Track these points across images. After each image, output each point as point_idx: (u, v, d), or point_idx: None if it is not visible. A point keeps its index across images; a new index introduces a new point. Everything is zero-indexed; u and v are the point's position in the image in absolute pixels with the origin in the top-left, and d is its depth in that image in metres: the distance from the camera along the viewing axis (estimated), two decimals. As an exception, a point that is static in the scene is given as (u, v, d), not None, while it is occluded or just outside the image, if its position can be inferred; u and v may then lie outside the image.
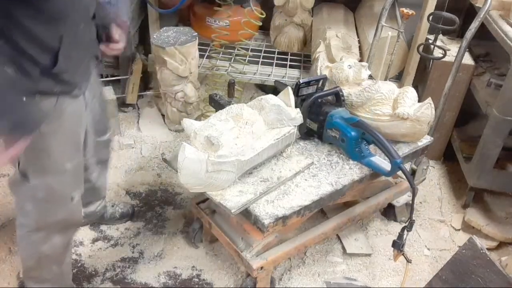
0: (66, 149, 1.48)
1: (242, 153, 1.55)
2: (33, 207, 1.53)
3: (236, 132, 1.58)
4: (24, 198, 1.53)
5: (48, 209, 1.53)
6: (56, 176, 1.49)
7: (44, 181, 1.48)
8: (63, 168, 1.48)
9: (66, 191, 1.54)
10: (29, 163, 1.46)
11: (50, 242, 1.59)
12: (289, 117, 1.69)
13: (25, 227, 1.58)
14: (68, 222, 1.61)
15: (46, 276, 1.69)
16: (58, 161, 1.47)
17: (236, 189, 1.59)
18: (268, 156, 1.68)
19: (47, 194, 1.50)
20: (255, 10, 2.82)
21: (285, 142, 1.71)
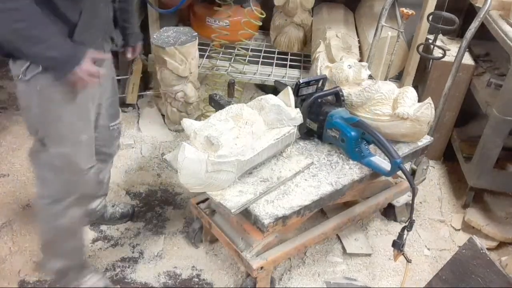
0: (79, 121, 1.58)
1: (242, 153, 1.55)
2: (52, 176, 1.62)
3: (236, 132, 1.58)
4: (44, 167, 1.62)
5: (66, 179, 1.62)
6: (71, 146, 1.58)
7: (61, 150, 1.57)
8: (78, 138, 1.58)
9: (81, 163, 1.62)
10: (46, 131, 1.56)
11: (68, 214, 1.67)
12: (289, 117, 1.69)
13: (45, 198, 1.66)
14: (84, 194, 1.70)
15: (62, 250, 1.77)
16: (73, 131, 1.57)
17: (236, 189, 1.59)
18: (268, 156, 1.68)
19: (64, 164, 1.59)
20: (255, 10, 2.82)
21: (285, 142, 1.71)
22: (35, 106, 1.51)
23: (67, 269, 1.80)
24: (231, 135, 1.55)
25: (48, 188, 1.65)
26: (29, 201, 2.30)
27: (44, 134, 1.56)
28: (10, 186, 2.38)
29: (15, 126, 2.81)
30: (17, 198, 2.31)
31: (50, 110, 1.51)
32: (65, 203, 1.65)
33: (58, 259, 1.78)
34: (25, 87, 1.48)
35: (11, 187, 2.38)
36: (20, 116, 2.90)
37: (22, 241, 2.08)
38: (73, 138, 1.58)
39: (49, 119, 1.53)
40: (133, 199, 2.38)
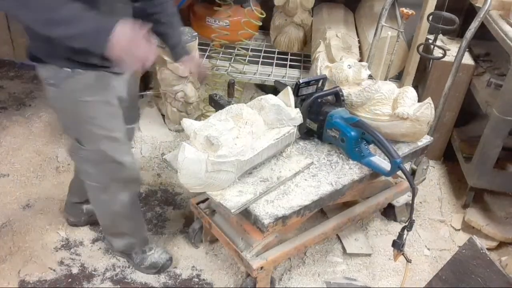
0: (111, 119, 1.62)
1: (241, 153, 1.55)
2: (93, 169, 1.70)
3: (236, 132, 1.58)
4: (83, 162, 1.71)
5: (106, 169, 1.69)
6: (107, 143, 1.63)
7: (97, 147, 1.62)
8: (113, 136, 1.63)
9: (118, 156, 1.67)
10: (80, 131, 1.62)
11: (118, 200, 1.77)
12: (289, 117, 1.69)
13: (92, 188, 1.77)
14: (128, 180, 1.76)
15: (123, 230, 1.89)
16: (107, 130, 1.61)
17: (236, 189, 1.59)
18: (268, 156, 1.68)
19: (101, 158, 1.65)
20: (255, 10, 2.82)
21: (285, 142, 1.71)
22: (67, 109, 1.57)
23: (131, 246, 1.95)
24: (231, 135, 1.55)
25: (92, 178, 1.74)
26: (29, 201, 2.30)
27: (78, 135, 1.63)
28: (10, 186, 2.38)
29: (15, 126, 2.82)
30: (17, 198, 2.32)
31: (82, 112, 1.56)
32: (112, 190, 1.74)
33: (120, 239, 1.92)
34: (56, 91, 1.52)
35: (11, 187, 2.38)
36: (20, 116, 2.90)
37: (22, 241, 2.08)
38: (107, 136, 1.62)
39: (81, 120, 1.58)
40: (133, 199, 2.39)
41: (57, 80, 1.49)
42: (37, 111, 2.96)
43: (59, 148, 2.66)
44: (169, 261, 2.00)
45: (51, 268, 1.98)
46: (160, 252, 2.00)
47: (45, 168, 2.52)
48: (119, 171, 1.71)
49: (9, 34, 3.35)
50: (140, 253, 1.97)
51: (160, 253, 1.99)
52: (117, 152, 1.67)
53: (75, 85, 1.50)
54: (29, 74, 3.39)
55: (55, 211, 2.25)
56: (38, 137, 2.74)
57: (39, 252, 2.04)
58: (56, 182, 2.43)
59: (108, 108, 1.59)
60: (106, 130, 1.62)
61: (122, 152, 1.70)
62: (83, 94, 1.53)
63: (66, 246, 2.08)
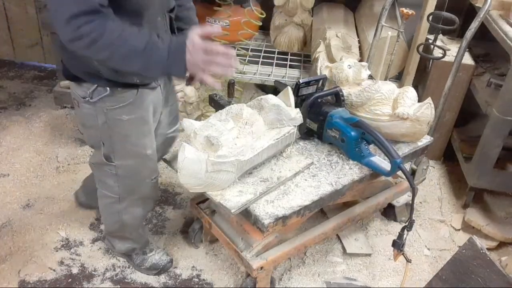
0: (144, 137, 1.63)
1: (242, 153, 1.55)
2: (114, 183, 1.70)
3: (236, 132, 1.58)
4: (106, 176, 1.70)
5: (129, 183, 1.71)
6: (138, 160, 1.65)
7: (127, 163, 1.65)
8: (144, 153, 1.65)
9: (145, 173, 1.71)
10: (112, 148, 1.61)
11: (131, 213, 1.79)
12: (289, 117, 1.68)
13: (107, 198, 1.77)
14: (147, 197, 1.79)
15: (128, 236, 1.90)
16: (139, 147, 1.63)
17: (236, 189, 1.59)
18: (268, 156, 1.68)
19: (128, 174, 1.67)
20: (255, 10, 2.82)
21: (285, 142, 1.71)
22: (101, 126, 1.55)
23: (133, 249, 1.96)
24: (231, 135, 1.55)
25: (110, 191, 1.74)
26: (29, 201, 2.30)
27: (109, 151, 1.62)
28: (10, 186, 2.38)
29: (15, 126, 2.82)
30: (17, 198, 2.32)
31: (117, 131, 1.56)
32: (127, 202, 1.76)
33: (124, 243, 1.93)
34: (91, 108, 1.52)
35: (11, 187, 2.38)
36: (20, 116, 2.90)
37: (22, 241, 2.08)
38: (139, 153, 1.64)
39: (115, 138, 1.58)
40: (133, 199, 2.39)
41: (94, 98, 1.48)
42: (37, 111, 2.97)
43: (59, 148, 2.66)
44: (169, 263, 2.00)
45: (51, 268, 1.98)
46: (161, 254, 2.00)
47: (45, 168, 2.52)
48: (140, 187, 1.74)
49: (9, 34, 3.35)
50: (141, 254, 1.98)
51: (161, 254, 2.00)
52: (145, 168, 1.70)
53: (113, 103, 1.50)
54: (29, 74, 3.39)
55: (55, 211, 2.25)
56: (38, 137, 2.74)
57: (39, 252, 2.04)
58: (56, 182, 2.43)
59: (142, 125, 1.60)
60: (139, 147, 1.63)
61: (150, 169, 1.72)
62: (120, 113, 1.53)
63: (66, 246, 2.08)
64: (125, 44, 1.27)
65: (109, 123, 1.54)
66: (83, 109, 1.54)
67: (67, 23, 1.22)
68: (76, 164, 2.55)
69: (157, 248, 2.03)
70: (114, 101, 1.50)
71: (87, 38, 1.24)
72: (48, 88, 3.22)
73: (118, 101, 1.50)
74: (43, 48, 3.40)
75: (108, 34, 1.25)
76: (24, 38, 3.35)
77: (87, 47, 1.26)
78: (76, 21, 1.22)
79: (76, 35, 1.24)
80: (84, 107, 1.53)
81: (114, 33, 1.26)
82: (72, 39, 1.25)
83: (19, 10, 3.24)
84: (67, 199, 2.33)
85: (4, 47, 3.40)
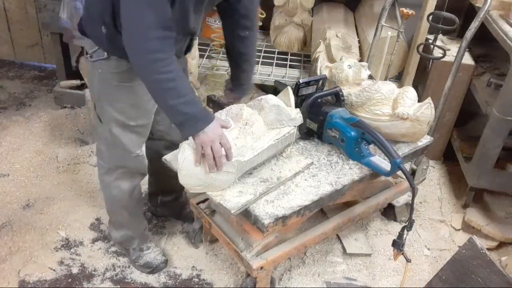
0: (131, 108, 1.67)
1: (241, 153, 1.55)
2: (105, 148, 1.79)
3: (236, 132, 1.58)
4: (100, 140, 1.80)
5: (116, 154, 1.76)
6: (121, 129, 1.69)
7: (112, 129, 1.70)
8: (128, 123, 1.69)
9: (129, 146, 1.74)
10: (100, 109, 1.70)
11: (117, 187, 1.84)
12: (289, 118, 1.68)
13: (101, 168, 1.86)
14: (132, 171, 1.83)
15: (121, 220, 1.95)
16: (124, 116, 1.67)
17: (236, 190, 1.59)
18: (268, 156, 1.68)
19: (114, 140, 1.72)
20: (255, 10, 2.81)
21: (285, 142, 1.71)
22: (95, 85, 1.68)
23: (128, 240, 1.99)
24: (231, 136, 1.55)
25: (102, 158, 1.83)
26: (29, 201, 2.30)
27: (99, 111, 1.72)
28: (10, 186, 2.38)
29: (15, 126, 2.82)
30: (17, 198, 2.32)
31: (106, 92, 1.65)
32: (115, 175, 1.82)
33: (118, 230, 1.98)
34: (90, 66, 1.64)
35: (11, 187, 2.38)
36: (20, 116, 2.90)
37: (22, 241, 2.08)
38: (122, 122, 1.68)
39: (103, 99, 1.67)
40: (133, 199, 2.39)
41: (94, 56, 1.58)
42: (37, 111, 2.97)
43: (59, 148, 2.66)
44: (163, 263, 2.01)
45: (51, 268, 1.98)
46: (157, 253, 2.01)
47: (45, 168, 2.52)
48: (127, 160, 1.78)
49: (9, 34, 3.36)
50: (138, 250, 2.00)
51: (157, 254, 2.01)
52: (128, 140, 1.73)
53: (107, 67, 1.58)
54: (29, 74, 3.39)
55: (55, 211, 2.25)
56: (38, 137, 2.74)
57: (39, 252, 2.04)
58: (56, 182, 2.43)
59: (132, 97, 1.64)
60: (124, 116, 1.67)
61: (133, 143, 1.75)
62: (111, 78, 1.60)
63: (66, 246, 2.08)
64: (181, 84, 1.40)
65: (101, 84, 1.64)
66: (87, 64, 1.68)
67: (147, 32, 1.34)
68: (76, 164, 2.55)
69: (155, 247, 2.03)
70: (108, 66, 1.58)
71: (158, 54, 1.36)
72: (48, 88, 3.22)
73: (111, 66, 1.58)
74: (43, 48, 3.39)
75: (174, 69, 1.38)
76: (24, 38, 3.36)
77: (152, 62, 1.36)
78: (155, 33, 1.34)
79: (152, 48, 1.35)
80: (87, 63, 1.66)
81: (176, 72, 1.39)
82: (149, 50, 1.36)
83: (19, 10, 3.25)
84: (67, 199, 2.33)
85: (4, 47, 3.40)
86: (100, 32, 1.51)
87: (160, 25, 1.33)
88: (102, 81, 1.63)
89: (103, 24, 1.49)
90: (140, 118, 1.71)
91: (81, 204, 2.27)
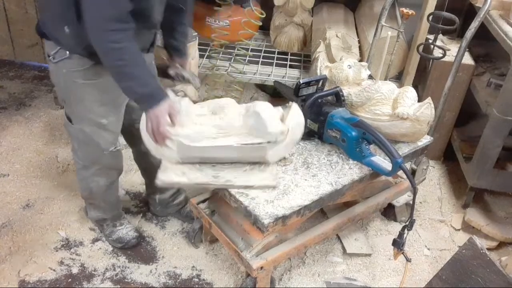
0: (101, 106, 1.71)
1: (188, 137, 1.59)
2: (78, 146, 1.83)
3: (203, 119, 1.64)
4: (72, 137, 1.84)
5: (90, 151, 1.82)
6: (92, 127, 1.74)
7: (83, 128, 1.75)
8: (99, 121, 1.73)
9: (102, 143, 1.79)
10: (69, 108, 1.75)
11: (95, 181, 1.90)
12: (265, 130, 1.60)
13: (76, 163, 1.91)
14: (108, 167, 1.89)
15: (97, 204, 2.03)
16: (93, 114, 1.72)
17: (182, 169, 1.65)
18: (228, 157, 1.66)
19: (86, 139, 1.77)
20: (255, 10, 2.81)
21: (252, 152, 1.63)
22: (62, 85, 1.70)
23: (104, 219, 2.07)
24: (194, 120, 1.62)
25: (77, 155, 1.87)
26: (29, 201, 2.30)
27: (69, 111, 1.76)
28: (10, 186, 2.38)
29: (15, 126, 2.82)
30: (17, 198, 2.32)
31: (73, 92, 1.68)
32: (92, 171, 1.87)
33: (96, 211, 2.05)
34: (54, 67, 1.66)
35: (11, 187, 2.38)
36: (20, 116, 2.90)
37: (22, 241, 2.08)
38: (93, 120, 1.73)
39: (71, 99, 1.70)
40: (133, 199, 2.38)
41: (56, 57, 1.62)
42: (37, 111, 2.97)
43: (59, 148, 2.66)
44: (134, 239, 2.09)
45: (51, 268, 1.98)
46: (129, 229, 2.10)
47: (45, 168, 2.52)
48: (101, 157, 1.83)
49: (9, 34, 3.35)
50: (111, 226, 2.09)
51: (129, 230, 2.09)
52: (101, 138, 1.78)
53: (71, 66, 1.62)
54: (29, 74, 3.39)
55: (55, 211, 2.25)
56: (38, 137, 2.74)
57: (39, 252, 2.04)
58: (56, 182, 2.43)
59: (99, 93, 1.68)
60: (93, 114, 1.72)
61: (106, 140, 1.79)
62: (77, 76, 1.64)
63: (66, 246, 2.08)
64: (135, 69, 1.51)
65: (67, 84, 1.67)
66: (50, 67, 1.70)
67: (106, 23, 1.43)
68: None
69: (128, 223, 2.12)
70: (72, 64, 1.62)
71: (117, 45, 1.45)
72: (48, 88, 3.22)
73: (75, 64, 1.62)
74: (43, 48, 3.39)
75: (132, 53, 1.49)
76: (24, 38, 3.35)
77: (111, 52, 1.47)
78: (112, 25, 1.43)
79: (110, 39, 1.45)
80: (50, 65, 1.69)
81: (136, 55, 1.50)
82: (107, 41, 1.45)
83: (19, 10, 3.24)
84: (67, 199, 2.33)
85: (4, 47, 3.40)
86: (62, 32, 1.55)
87: (117, 18, 1.43)
88: (68, 81, 1.66)
89: (66, 24, 1.54)
90: (109, 115, 1.75)
91: (81, 204, 2.27)
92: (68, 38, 1.56)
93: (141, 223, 2.24)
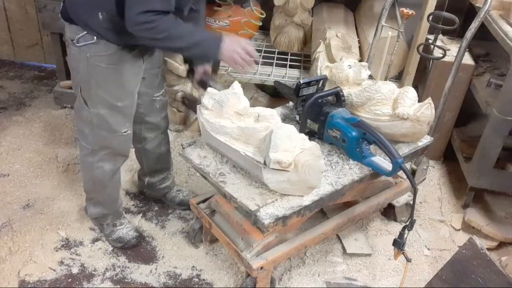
0: (117, 89, 1.78)
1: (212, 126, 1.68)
2: (89, 131, 1.86)
3: (238, 117, 1.70)
4: (84, 123, 1.86)
5: (101, 135, 1.85)
6: (108, 109, 1.79)
7: (99, 111, 1.79)
8: (115, 104, 1.79)
9: (115, 125, 1.84)
10: (88, 92, 1.77)
11: (100, 168, 1.93)
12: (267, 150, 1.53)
13: (84, 149, 1.93)
14: (117, 151, 1.92)
15: (99, 199, 2.05)
16: (111, 97, 1.78)
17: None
18: (237, 162, 1.68)
19: (100, 123, 1.82)
20: (255, 10, 2.82)
21: (252, 166, 1.61)
22: (82, 70, 1.72)
23: (103, 216, 2.09)
24: (231, 115, 1.70)
25: (86, 140, 1.89)
26: (29, 201, 2.30)
27: (86, 95, 1.78)
28: (10, 186, 2.38)
29: (15, 126, 2.82)
30: (17, 198, 2.32)
31: (93, 76, 1.72)
32: (99, 156, 1.90)
33: (96, 207, 2.07)
34: (76, 51, 1.70)
35: (11, 187, 2.38)
36: (20, 116, 2.90)
37: (22, 241, 2.08)
38: (110, 103, 1.78)
39: (91, 83, 1.74)
40: (133, 199, 2.38)
41: (80, 41, 1.65)
42: (37, 111, 2.97)
43: (59, 148, 2.66)
44: (134, 239, 2.10)
45: (51, 268, 1.98)
46: (129, 229, 2.11)
47: (45, 168, 2.52)
48: (111, 140, 1.87)
49: (9, 34, 3.36)
50: (111, 225, 2.10)
51: (129, 229, 2.10)
52: (116, 121, 1.83)
53: (96, 50, 1.67)
54: (29, 74, 3.39)
55: (55, 211, 2.25)
56: (38, 137, 2.74)
57: (39, 252, 2.04)
58: (56, 182, 2.43)
59: (119, 77, 1.75)
60: (112, 97, 1.77)
61: (121, 123, 1.85)
62: (100, 61, 1.69)
63: (66, 246, 2.09)
64: (179, 27, 1.60)
65: (88, 69, 1.71)
66: (71, 50, 1.73)
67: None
68: (76, 164, 2.55)
69: (128, 223, 2.13)
70: (97, 49, 1.67)
71: None
72: (48, 88, 3.22)
73: (100, 49, 1.67)
74: (43, 48, 3.40)
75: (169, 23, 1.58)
76: (24, 38, 3.36)
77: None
78: None
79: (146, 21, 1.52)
80: (72, 49, 1.71)
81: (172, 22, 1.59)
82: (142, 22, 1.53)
83: (19, 10, 3.25)
84: (67, 199, 2.33)
85: (4, 47, 3.40)
86: (95, 17, 1.61)
87: (163, 12, 1.53)
88: (90, 66, 1.70)
89: (100, 10, 1.60)
90: (125, 98, 1.81)
91: (81, 204, 2.27)
92: (101, 23, 1.61)
93: (141, 223, 2.24)
